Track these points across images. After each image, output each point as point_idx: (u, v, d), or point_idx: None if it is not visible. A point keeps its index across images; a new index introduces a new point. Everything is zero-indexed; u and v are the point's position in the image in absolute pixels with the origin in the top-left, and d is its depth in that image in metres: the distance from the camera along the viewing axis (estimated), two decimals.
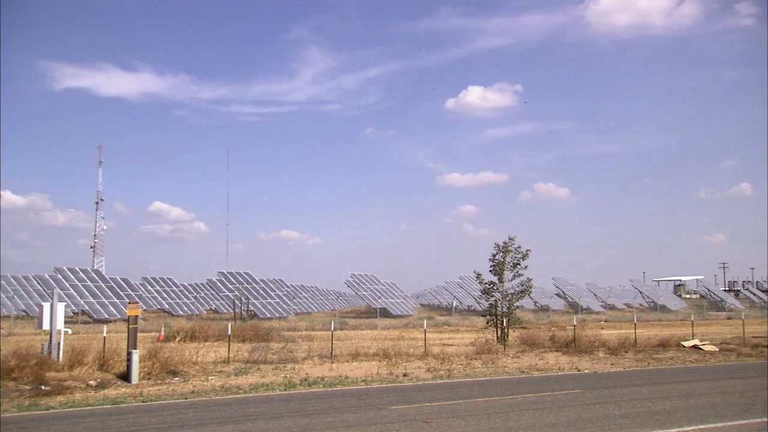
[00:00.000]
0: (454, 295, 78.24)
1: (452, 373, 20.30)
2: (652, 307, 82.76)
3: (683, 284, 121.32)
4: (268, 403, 14.93)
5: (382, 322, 51.13)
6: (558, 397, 15.55)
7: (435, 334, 38.65)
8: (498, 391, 16.65)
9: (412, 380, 18.96)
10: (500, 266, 28.33)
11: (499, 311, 28.45)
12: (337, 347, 25.27)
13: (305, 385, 17.88)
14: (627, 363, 23.38)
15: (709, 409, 13.68)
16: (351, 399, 15.43)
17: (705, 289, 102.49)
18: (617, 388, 17.25)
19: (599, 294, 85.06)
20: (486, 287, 28.98)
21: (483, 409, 13.81)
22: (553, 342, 28.09)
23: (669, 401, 14.77)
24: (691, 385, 17.54)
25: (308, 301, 78.45)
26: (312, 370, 20.56)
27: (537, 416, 12.84)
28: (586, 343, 27.26)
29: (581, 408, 13.82)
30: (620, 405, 14.18)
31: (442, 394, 16.05)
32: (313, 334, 36.84)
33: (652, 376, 20.00)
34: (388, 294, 67.40)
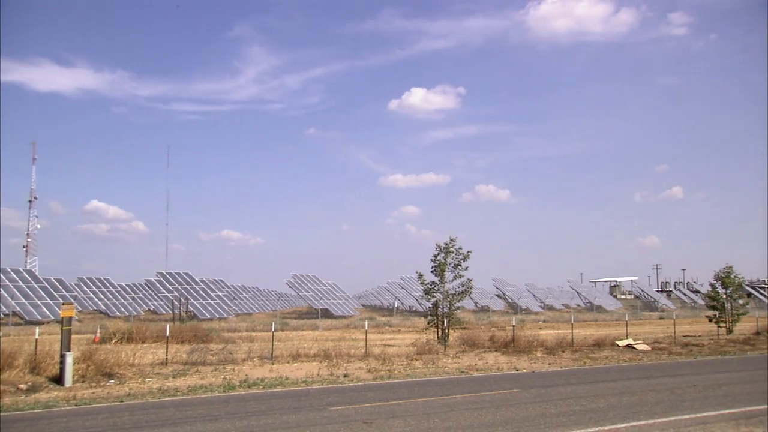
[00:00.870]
0: (396, 296, 78.53)
1: (393, 374, 20.38)
2: (589, 308, 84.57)
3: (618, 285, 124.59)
4: (207, 405, 14.73)
5: (324, 322, 51.00)
6: (496, 396, 15.76)
7: (376, 334, 38.75)
8: (438, 391, 16.78)
9: (353, 381, 18.96)
10: (441, 267, 28.55)
11: (440, 312, 28.67)
12: (277, 348, 25.11)
13: (245, 386, 17.71)
14: (564, 362, 23.84)
15: (640, 406, 14.06)
16: (291, 400, 15.35)
17: (639, 289, 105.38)
18: (554, 387, 17.58)
19: (538, 295, 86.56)
20: (427, 288, 29.18)
21: (423, 409, 13.91)
22: (492, 342, 28.46)
23: (603, 399, 15.12)
24: (625, 384, 17.97)
25: (249, 301, 77.66)
26: (252, 372, 20.38)
27: (475, 416, 12.99)
28: (524, 343, 27.71)
29: (519, 407, 14.04)
30: (556, 404, 14.46)
31: (383, 395, 16.11)
32: (253, 335, 36.52)
33: (588, 375, 20.46)
34: (330, 295, 67.24)
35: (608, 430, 11.69)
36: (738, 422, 12.14)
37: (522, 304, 78.68)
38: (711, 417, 12.77)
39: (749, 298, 57.24)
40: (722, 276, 38.85)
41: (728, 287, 38.39)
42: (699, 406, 13.95)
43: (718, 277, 39.29)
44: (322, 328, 46.54)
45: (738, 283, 39.45)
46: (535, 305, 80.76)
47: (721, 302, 37.99)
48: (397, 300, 75.99)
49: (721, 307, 37.83)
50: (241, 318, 60.00)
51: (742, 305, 39.69)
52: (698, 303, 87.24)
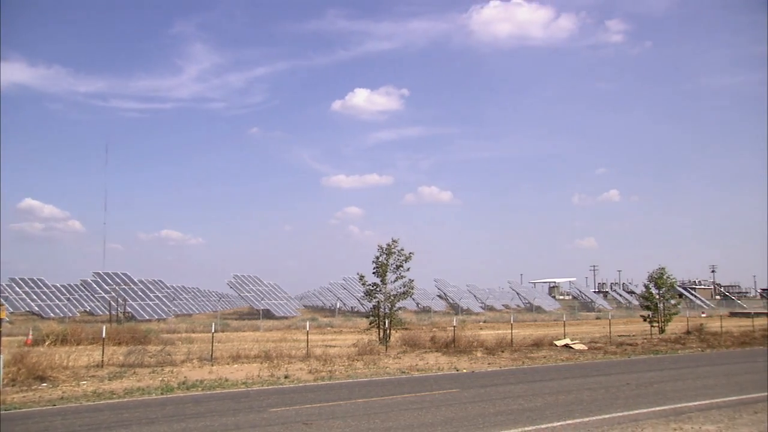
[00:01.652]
0: (338, 297, 78.45)
1: (334, 375, 20.36)
2: (528, 308, 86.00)
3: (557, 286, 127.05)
4: (144, 408, 14.45)
5: (265, 323, 50.60)
6: (436, 396, 15.89)
7: (318, 335, 38.64)
8: (379, 391, 16.84)
9: (294, 382, 18.87)
10: (383, 268, 28.62)
11: (382, 312, 28.74)
12: (217, 349, 24.81)
13: (183, 388, 17.44)
14: (503, 362, 24.17)
15: (576, 404, 14.37)
16: (230, 402, 15.19)
17: (577, 290, 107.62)
18: (493, 386, 17.82)
19: (479, 295, 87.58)
20: (369, 289, 29.21)
21: (363, 409, 13.94)
22: (433, 342, 28.68)
23: (541, 398, 15.39)
24: (562, 383, 18.33)
25: (189, 302, 76.47)
26: (191, 373, 20.09)
27: (415, 416, 13.07)
28: (465, 343, 28.00)
29: (458, 407, 14.19)
30: (495, 403, 14.67)
31: (323, 396, 16.07)
32: (193, 336, 36.03)
33: (526, 374, 20.80)
34: (272, 295, 66.75)
35: (545, 428, 11.90)
36: (668, 419, 12.50)
37: (463, 304, 79.47)
38: (643, 414, 13.14)
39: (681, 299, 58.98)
40: (655, 277, 39.92)
41: (661, 288, 39.48)
42: (632, 404, 14.34)
43: (651, 278, 40.37)
44: (264, 329, 46.17)
45: (670, 284, 40.59)
46: (476, 306, 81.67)
47: (654, 302, 39.05)
48: (339, 301, 75.94)
49: (654, 307, 38.90)
50: (181, 319, 59.05)
51: (674, 305, 40.83)
52: (633, 303, 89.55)
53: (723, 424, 11.93)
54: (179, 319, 59.19)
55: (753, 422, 12.05)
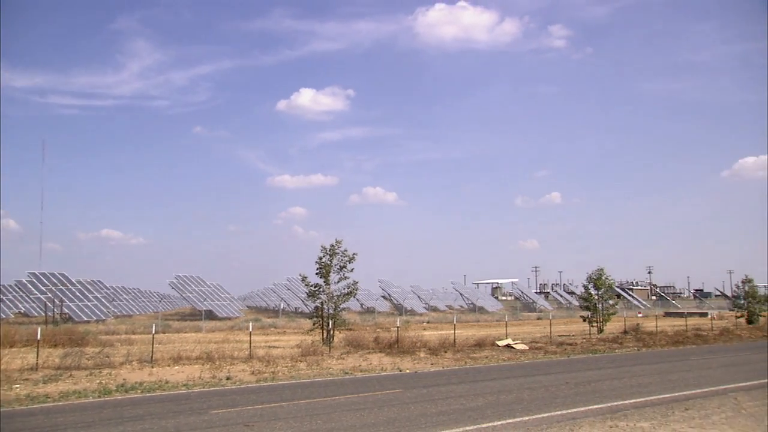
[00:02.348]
0: (282, 298, 77.97)
1: (277, 376, 20.24)
2: (472, 309, 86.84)
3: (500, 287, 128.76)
4: (80, 412, 14.10)
5: (208, 324, 49.94)
6: (379, 397, 15.95)
7: (261, 336, 38.34)
8: (321, 392, 16.81)
9: (236, 383, 18.68)
10: (326, 269, 28.53)
11: (325, 313, 28.66)
12: (158, 351, 24.39)
13: (122, 391, 17.09)
14: (446, 362, 24.38)
15: (517, 404, 14.61)
16: (170, 404, 14.95)
17: (519, 291, 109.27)
18: (436, 386, 17.97)
19: (423, 296, 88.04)
20: (312, 290, 29.07)
21: (306, 410, 13.90)
22: (377, 343, 28.75)
23: (482, 398, 15.59)
24: (503, 382, 18.61)
25: (129, 303, 74.92)
26: (130, 375, 19.70)
27: (358, 416, 13.10)
28: (408, 343, 28.15)
29: (401, 407, 14.27)
30: (437, 403, 14.80)
31: (266, 397, 15.97)
32: (133, 337, 35.36)
33: (469, 374, 21.03)
34: (215, 296, 65.90)
35: (486, 427, 12.07)
36: (605, 417, 12.82)
37: (407, 305, 79.81)
38: (581, 413, 13.44)
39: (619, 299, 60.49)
40: (594, 278, 40.75)
41: (600, 289, 40.32)
42: (570, 403, 14.65)
43: (590, 279, 41.18)
44: (206, 329, 45.56)
45: (608, 285, 41.50)
46: (420, 306, 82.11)
47: (593, 303, 39.86)
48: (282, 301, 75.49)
49: (593, 307, 39.73)
50: (121, 320, 57.86)
51: (612, 306, 41.79)
52: (573, 304, 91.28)
53: (656, 420, 12.29)
54: (119, 320, 57.98)
55: (684, 419, 12.45)
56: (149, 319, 60.42)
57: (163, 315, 66.77)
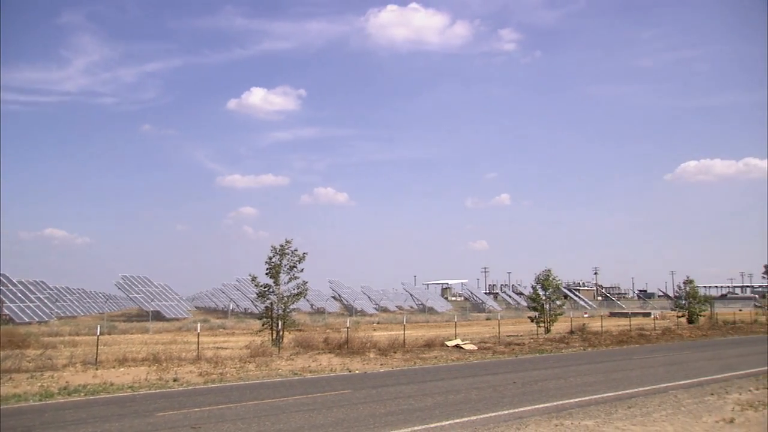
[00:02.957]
0: (231, 298, 77.24)
1: (225, 377, 20.02)
2: (421, 309, 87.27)
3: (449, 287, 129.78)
4: (19, 416, 13.71)
5: (155, 325, 49.17)
6: (328, 397, 15.91)
7: (210, 337, 37.91)
8: (270, 393, 16.69)
9: (183, 385, 18.42)
10: (276, 269, 28.36)
11: (275, 314, 28.48)
12: (103, 352, 23.91)
13: (64, 394, 16.69)
14: (395, 363, 24.45)
15: (464, 404, 14.75)
16: (115, 407, 14.66)
17: (469, 291, 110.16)
18: (385, 387, 18.01)
19: (373, 297, 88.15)
20: (261, 290, 28.86)
21: (254, 412, 13.80)
22: (327, 344, 28.67)
23: (431, 398, 15.69)
24: (452, 383, 18.75)
25: (74, 304, 73.23)
26: (74, 378, 19.25)
27: (306, 417, 13.06)
28: (358, 344, 28.13)
29: (349, 408, 14.27)
30: (386, 403, 14.84)
31: (213, 399, 15.79)
32: (77, 339, 34.57)
33: (418, 374, 21.13)
34: (162, 296, 64.96)
35: (434, 427, 12.16)
36: (551, 416, 13.01)
37: (357, 306, 79.82)
38: (527, 411, 13.63)
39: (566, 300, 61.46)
40: (542, 279, 41.29)
41: (547, 289, 40.90)
42: (517, 402, 14.86)
43: (538, 279, 41.72)
44: (153, 330, 44.85)
45: (556, 286, 42.14)
46: (370, 307, 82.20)
47: (541, 303, 40.39)
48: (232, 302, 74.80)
49: (540, 308, 40.26)
50: (65, 321, 56.51)
51: (559, 306, 42.42)
52: (521, 304, 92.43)
53: (600, 419, 12.53)
54: (62, 321, 56.62)
55: (626, 417, 12.72)
56: (94, 320, 59.21)
57: (109, 316, 65.59)
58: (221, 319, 62.30)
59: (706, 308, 52.29)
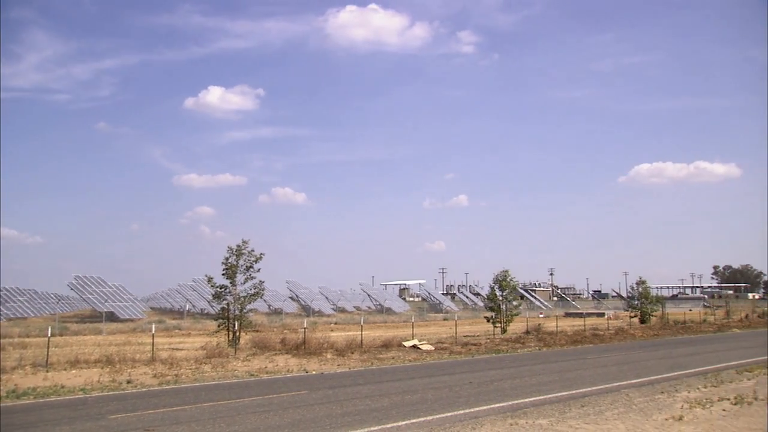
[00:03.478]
0: (187, 299, 76.33)
1: (180, 378, 19.78)
2: (379, 310, 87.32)
3: (407, 288, 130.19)
4: None
5: (109, 326, 48.35)
6: (284, 398, 15.83)
7: (165, 338, 37.43)
8: (226, 395, 16.54)
9: (137, 387, 18.14)
10: (233, 269, 28.14)
11: (231, 314, 28.24)
12: (54, 354, 23.44)
13: (13, 397, 16.30)
14: (353, 363, 24.43)
15: (421, 404, 14.80)
16: (65, 410, 14.35)
17: (426, 292, 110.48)
18: (342, 387, 17.98)
19: (331, 297, 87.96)
20: (217, 291, 28.61)
21: (209, 413, 13.65)
22: (284, 344, 28.52)
23: (387, 398, 15.72)
24: (408, 383, 18.81)
25: (24, 305, 71.52)
26: (23, 381, 18.82)
27: (262, 418, 12.98)
28: (315, 345, 28.03)
29: (306, 409, 14.22)
30: (343, 404, 14.82)
31: (168, 400, 15.58)
32: (27, 340, 33.78)
33: (375, 375, 21.15)
34: (116, 297, 63.84)
35: (390, 427, 12.18)
36: (506, 415, 13.14)
37: (315, 306, 79.55)
38: (483, 411, 13.74)
39: (522, 300, 62.09)
40: (499, 279, 41.61)
41: (504, 290, 41.24)
42: (473, 402, 14.96)
43: (496, 280, 42.02)
44: (107, 332, 44.10)
45: (513, 286, 42.54)
46: (328, 307, 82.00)
47: (497, 304, 40.69)
48: (188, 303, 73.93)
49: (497, 308, 40.58)
50: (15, 323, 55.18)
51: (515, 307, 42.79)
52: (478, 305, 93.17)
53: (554, 418, 12.70)
54: (12, 322, 55.30)
55: (580, 415, 12.92)
56: (45, 321, 57.90)
57: (61, 317, 64.23)
58: (177, 319, 61.49)
59: (657, 308, 53.32)
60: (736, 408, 13.51)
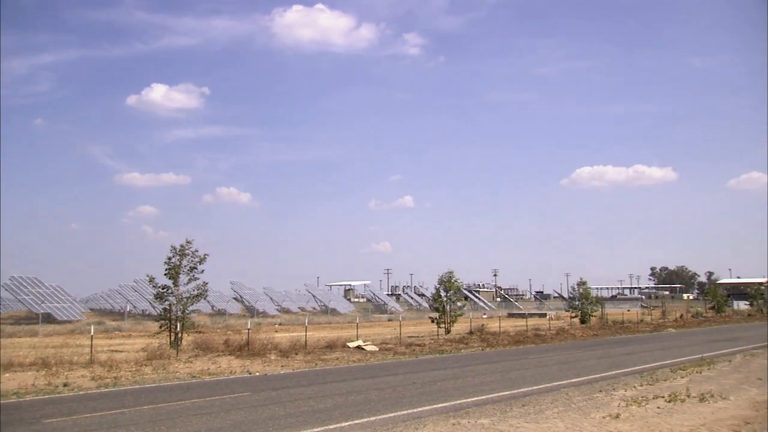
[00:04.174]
0: (128, 300, 74.73)
1: (119, 381, 19.37)
2: (324, 311, 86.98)
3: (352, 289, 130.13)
4: None
5: (45, 328, 47.05)
6: (227, 400, 15.65)
7: (105, 340, 36.64)
8: (167, 397, 16.27)
9: (74, 390, 17.69)
10: (176, 270, 27.72)
11: (174, 315, 27.80)
12: None
13: None
14: (297, 364, 24.30)
15: (365, 404, 14.82)
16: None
17: (371, 293, 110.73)
18: (285, 389, 17.87)
19: (275, 298, 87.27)
20: (159, 291, 28.14)
21: (149, 416, 13.41)
22: (227, 346, 28.17)
23: (331, 399, 15.70)
24: (352, 384, 18.81)
25: None
26: None
27: (204, 421, 12.81)
28: (259, 346, 27.78)
29: (248, 410, 14.09)
30: (286, 405, 14.73)
31: (107, 404, 15.23)
32: None
33: (319, 376, 21.08)
34: (54, 298, 62.12)
35: (333, 428, 12.17)
36: (448, 415, 13.25)
37: (259, 307, 78.78)
38: (426, 411, 13.83)
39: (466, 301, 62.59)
40: (444, 280, 41.96)
41: (449, 291, 41.59)
42: (416, 402, 15.05)
43: (441, 281, 42.34)
44: (43, 334, 42.92)
45: (457, 287, 42.89)
46: (273, 308, 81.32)
47: (442, 305, 41.00)
48: (129, 303, 72.38)
49: (442, 309, 40.88)
50: None
51: (459, 307, 43.15)
52: (423, 306, 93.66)
53: (496, 417, 12.86)
54: None
55: (521, 414, 13.11)
56: None
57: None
58: (117, 321, 60.21)
59: (597, 309, 54.42)
60: (670, 405, 13.89)
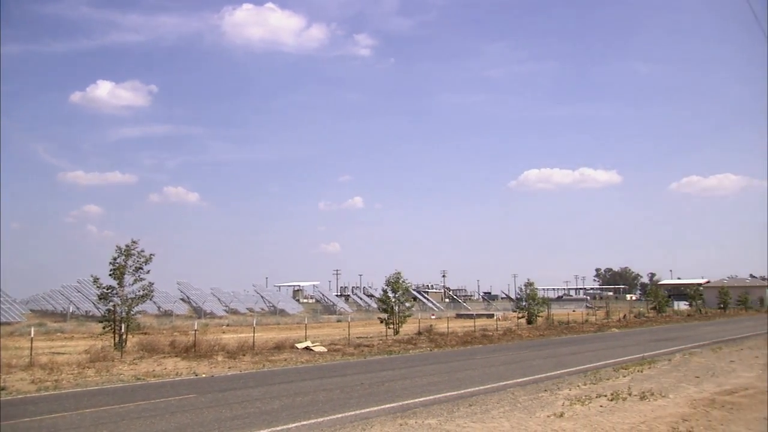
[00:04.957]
0: (71, 300, 73.08)
1: (60, 384, 18.92)
2: (273, 311, 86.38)
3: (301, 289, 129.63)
4: None
5: None
6: (172, 403, 15.43)
7: (46, 342, 35.73)
8: (109, 400, 15.96)
9: (12, 394, 17.22)
10: (121, 270, 27.19)
11: (118, 316, 27.27)
12: None
13: None
14: (244, 366, 24.08)
15: (312, 405, 14.78)
16: None
17: (320, 293, 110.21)
18: (232, 390, 17.70)
19: (223, 299, 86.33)
20: (103, 292, 27.57)
21: (90, 420, 13.13)
22: (173, 347, 27.75)
23: (278, 401, 15.62)
24: (300, 385, 18.73)
25: None
26: None
27: (147, 424, 12.62)
28: (206, 347, 27.45)
29: (194, 412, 13.93)
30: (232, 407, 14.61)
31: (46, 407, 14.86)
32: None
33: (266, 377, 20.95)
34: None
35: (280, 430, 12.13)
36: (396, 415, 13.33)
37: (206, 308, 77.80)
38: (374, 412, 13.87)
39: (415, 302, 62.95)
40: (392, 281, 42.01)
41: (397, 291, 41.67)
42: (364, 403, 15.06)
43: (389, 282, 42.40)
44: None
45: (405, 288, 43.01)
46: (220, 309, 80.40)
47: (390, 306, 41.05)
48: (72, 304, 70.78)
49: (390, 310, 40.93)
50: None
51: (408, 308, 43.25)
52: (372, 306, 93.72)
53: (443, 417, 12.98)
54: None
55: (468, 414, 13.26)
56: None
57: None
58: (59, 322, 58.77)
59: (543, 309, 55.24)
60: (612, 404, 14.22)
